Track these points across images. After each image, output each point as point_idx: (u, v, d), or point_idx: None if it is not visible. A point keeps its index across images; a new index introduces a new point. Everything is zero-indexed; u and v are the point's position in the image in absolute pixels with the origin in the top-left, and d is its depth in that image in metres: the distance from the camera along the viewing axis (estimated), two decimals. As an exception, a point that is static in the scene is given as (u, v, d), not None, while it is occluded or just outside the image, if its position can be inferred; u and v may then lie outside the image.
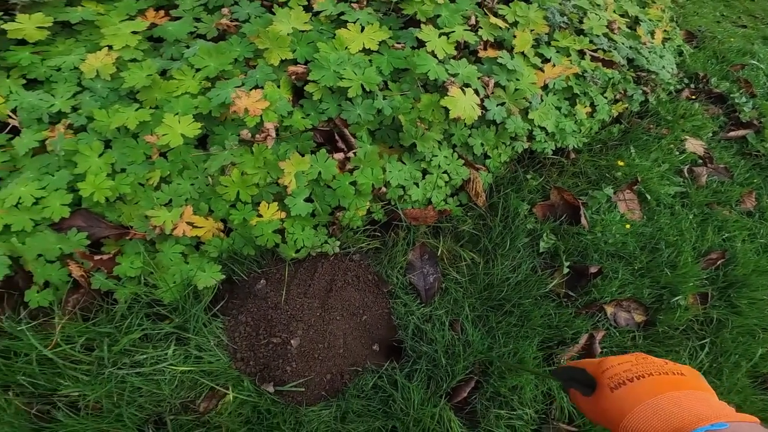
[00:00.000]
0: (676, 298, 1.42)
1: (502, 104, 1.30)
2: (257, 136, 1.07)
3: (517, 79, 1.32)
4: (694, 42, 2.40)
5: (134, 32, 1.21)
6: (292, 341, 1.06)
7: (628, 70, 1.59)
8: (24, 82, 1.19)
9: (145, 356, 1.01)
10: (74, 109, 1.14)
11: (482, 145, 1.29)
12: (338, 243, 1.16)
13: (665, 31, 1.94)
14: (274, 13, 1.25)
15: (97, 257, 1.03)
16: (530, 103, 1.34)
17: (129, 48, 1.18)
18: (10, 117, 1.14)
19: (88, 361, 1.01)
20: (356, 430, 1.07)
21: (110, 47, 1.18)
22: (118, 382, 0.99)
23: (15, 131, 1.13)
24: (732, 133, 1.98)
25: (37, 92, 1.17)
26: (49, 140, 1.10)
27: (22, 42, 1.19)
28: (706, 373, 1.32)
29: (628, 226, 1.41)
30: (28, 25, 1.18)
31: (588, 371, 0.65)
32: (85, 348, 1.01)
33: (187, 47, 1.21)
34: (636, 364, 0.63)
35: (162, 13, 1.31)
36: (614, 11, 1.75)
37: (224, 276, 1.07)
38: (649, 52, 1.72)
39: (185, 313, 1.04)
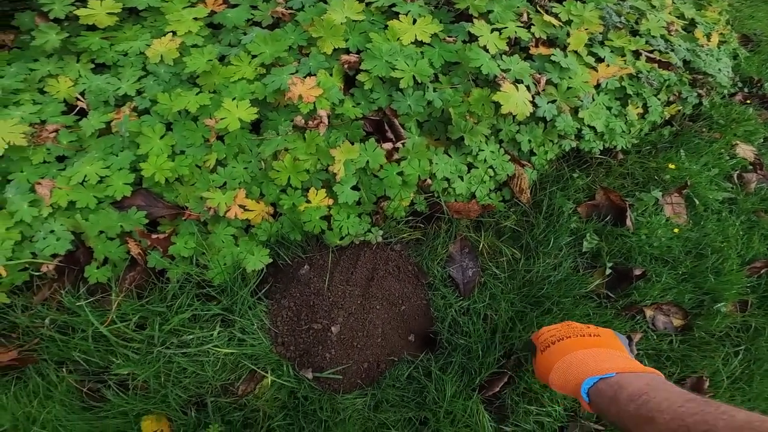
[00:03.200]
0: (719, 305, 1.28)
1: (553, 102, 1.18)
2: (310, 122, 1.00)
3: (570, 78, 1.19)
4: (749, 45, 2.16)
5: (196, 18, 1.16)
6: (332, 328, 1.00)
7: (684, 72, 1.43)
8: (92, 66, 1.17)
9: (191, 336, 0.98)
10: (139, 92, 1.10)
11: (529, 141, 1.18)
12: (381, 232, 1.08)
13: (721, 34, 1.74)
14: (326, 2, 1.17)
15: (154, 236, 1.00)
16: (582, 101, 1.21)
17: (191, 34, 1.13)
18: (78, 99, 1.12)
19: (139, 339, 0.98)
20: (388, 419, 1.01)
21: (174, 33, 1.14)
22: (165, 362, 0.95)
23: (82, 113, 1.11)
24: (784, 140, 1.77)
25: (105, 76, 1.14)
26: (114, 122, 1.07)
27: (92, 27, 1.17)
28: (737, 380, 1.21)
29: (676, 230, 1.27)
30: (99, 11, 1.15)
31: (531, 338, 0.72)
32: (137, 326, 0.98)
33: (244, 34, 1.15)
34: (560, 330, 0.69)
35: (221, 0, 1.26)
36: (670, 13, 1.58)
37: (271, 260, 1.02)
38: (707, 54, 1.54)
39: (233, 296, 1.00)
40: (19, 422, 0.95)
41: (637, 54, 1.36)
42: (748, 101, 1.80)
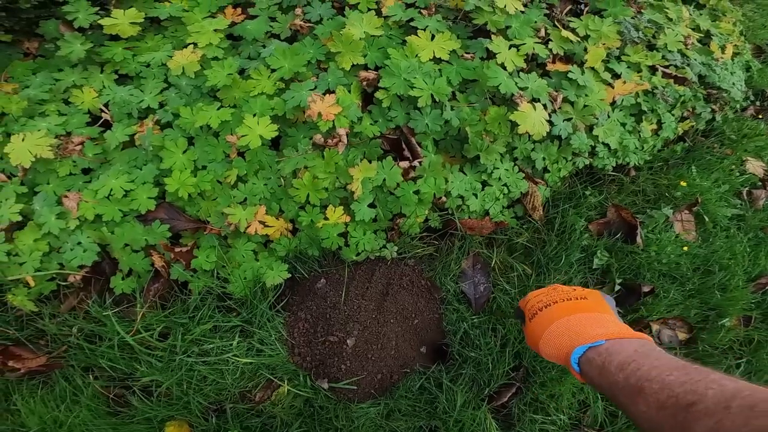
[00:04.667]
0: (723, 320, 1.25)
1: (569, 120, 1.13)
2: (329, 141, 0.97)
3: (587, 95, 1.14)
4: (761, 57, 2.07)
5: (216, 30, 1.12)
6: (348, 341, 0.99)
7: (699, 87, 1.37)
8: (116, 77, 1.14)
9: (212, 346, 0.97)
10: (161, 105, 1.08)
11: (544, 159, 1.14)
12: (396, 248, 1.06)
13: (735, 45, 1.66)
14: (345, 16, 1.13)
15: (177, 249, 0.98)
16: (597, 119, 1.16)
17: (212, 46, 1.10)
18: (103, 111, 1.09)
19: (162, 348, 0.97)
20: (400, 428, 1.00)
21: (195, 45, 1.11)
22: (187, 370, 0.95)
23: (106, 125, 1.09)
24: (794, 155, 1.71)
25: (128, 87, 1.11)
26: (138, 135, 1.05)
27: (115, 37, 1.13)
28: None
29: (686, 248, 1.24)
30: (122, 20, 1.12)
31: (519, 305, 0.67)
32: (160, 335, 0.98)
33: (263, 46, 1.11)
34: (547, 294, 0.63)
35: (239, 10, 1.22)
36: (686, 25, 1.50)
37: (290, 275, 1.00)
38: (721, 68, 1.47)
39: (252, 309, 0.98)
40: (47, 425, 0.95)
41: (653, 69, 1.30)
42: (760, 115, 1.73)
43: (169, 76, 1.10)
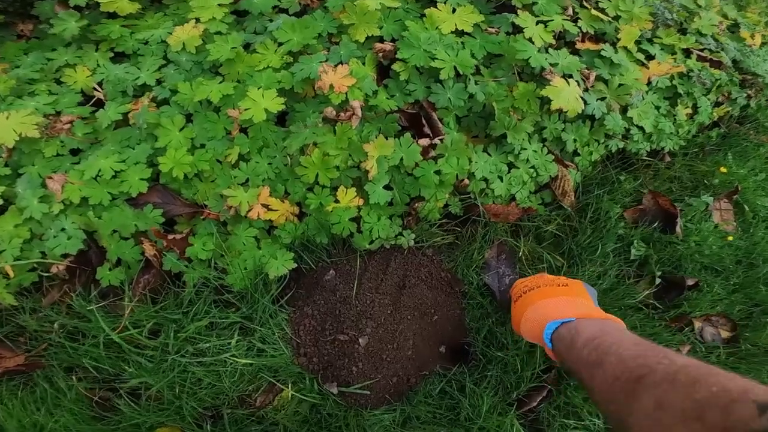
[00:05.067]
0: None
1: (603, 99, 1.03)
2: (342, 114, 0.87)
3: (622, 74, 1.04)
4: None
5: (220, 5, 1.03)
6: (360, 340, 0.87)
7: (734, 71, 1.26)
8: (111, 55, 1.05)
9: (208, 345, 0.85)
10: (159, 82, 0.98)
11: (575, 141, 1.03)
12: (413, 236, 0.94)
13: (763, 35, 1.57)
14: (358, -11, 1.03)
15: (170, 236, 0.87)
16: (632, 100, 1.05)
17: (215, 21, 1.01)
18: (96, 90, 1.00)
19: (153, 346, 0.86)
20: (415, 435, 0.87)
21: (197, 20, 1.02)
22: (180, 372, 0.83)
23: (99, 104, 0.99)
24: (828, 146, 1.59)
25: (124, 65, 1.02)
26: (132, 113, 0.95)
27: (113, 15, 1.05)
28: None
29: (730, 237, 1.11)
30: (121, -2, 1.03)
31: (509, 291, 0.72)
32: (150, 332, 0.86)
33: (271, 21, 1.02)
34: (532, 280, 0.69)
35: (248, -14, 1.13)
36: (716, 13, 1.42)
37: (295, 265, 0.88)
38: (756, 55, 1.38)
39: (253, 303, 0.87)
40: (26, 430, 0.83)
41: (687, 52, 1.20)
42: (791, 103, 1.62)
43: (169, 53, 1.01)
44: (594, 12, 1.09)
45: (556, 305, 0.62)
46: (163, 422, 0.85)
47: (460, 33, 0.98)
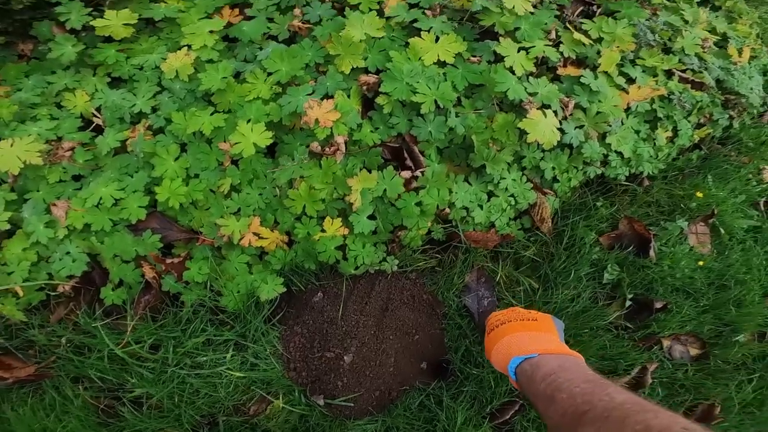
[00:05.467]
0: (738, 336, 1.18)
1: (581, 127, 1.06)
2: (326, 149, 0.91)
3: (600, 101, 1.07)
4: (780, 58, 1.96)
5: (211, 31, 1.06)
6: (345, 357, 0.94)
7: (717, 92, 1.28)
8: (109, 80, 1.08)
9: (205, 359, 0.92)
10: (154, 109, 1.02)
11: (553, 168, 1.07)
12: (397, 261, 1.00)
13: (752, 48, 1.56)
14: (344, 16, 1.06)
15: (168, 260, 0.93)
16: (611, 126, 1.09)
17: (206, 48, 1.04)
18: (95, 115, 1.04)
19: (153, 359, 0.93)
20: (399, 446, 0.95)
21: (189, 47, 1.05)
22: (179, 383, 0.90)
23: (98, 129, 1.03)
24: (813, 162, 1.61)
25: (120, 91, 1.06)
26: (129, 140, 1.00)
27: (108, 39, 1.08)
28: (748, 405, 1.13)
29: (701, 262, 1.16)
30: (115, 22, 1.06)
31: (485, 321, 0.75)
32: (151, 347, 0.93)
33: (260, 48, 1.05)
34: (505, 314, 0.71)
35: (237, 11, 1.15)
36: (703, 28, 1.41)
37: (285, 289, 0.94)
38: (739, 73, 1.38)
39: (246, 323, 0.93)
40: (36, 435, 0.91)
41: (669, 73, 1.22)
42: (778, 120, 1.63)
43: (163, 80, 1.04)
44: (576, 35, 1.10)
45: (520, 341, 0.65)
46: (163, 428, 0.93)
47: (442, 63, 1.00)
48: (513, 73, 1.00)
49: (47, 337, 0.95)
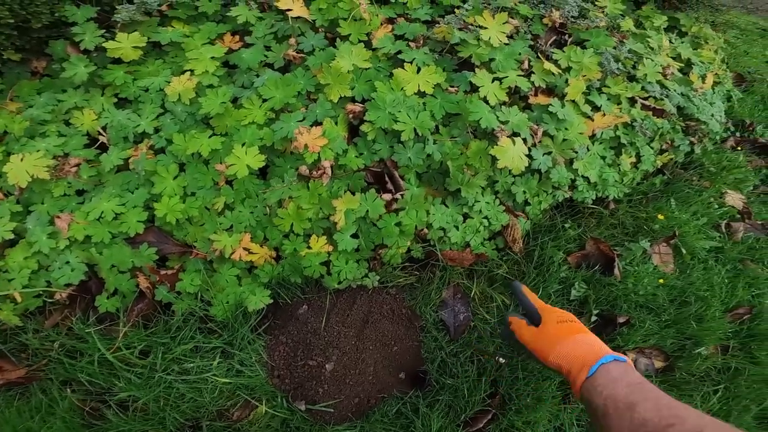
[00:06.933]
0: (699, 349, 1.24)
1: (549, 153, 1.14)
2: (314, 172, 0.98)
3: (566, 129, 1.15)
4: (743, 85, 2.08)
5: (213, 57, 1.13)
6: (327, 365, 0.99)
7: (678, 119, 1.37)
8: (115, 100, 1.15)
9: (192, 365, 0.97)
10: (156, 130, 1.08)
11: (524, 192, 1.14)
12: (378, 277, 1.06)
13: (716, 74, 1.66)
14: (335, 47, 1.14)
15: (162, 272, 0.98)
16: (577, 153, 1.17)
17: (207, 74, 1.11)
18: (100, 134, 1.10)
19: (142, 364, 0.97)
20: (377, 452, 0.99)
21: (192, 72, 1.12)
22: (165, 387, 0.94)
23: (103, 147, 1.10)
24: (773, 187, 1.70)
25: (126, 111, 1.12)
26: (132, 159, 1.06)
27: (117, 60, 1.14)
28: (715, 414, 1.17)
29: (661, 280, 1.23)
30: (125, 44, 1.12)
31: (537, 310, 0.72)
32: (141, 353, 0.97)
33: (257, 75, 1.12)
34: (565, 313, 0.70)
35: (237, 38, 1.23)
36: (668, 54, 1.50)
37: (272, 300, 1.00)
38: (700, 99, 1.48)
39: (234, 332, 0.98)
40: (20, 435, 0.94)
41: (632, 101, 1.31)
42: (739, 147, 1.73)
43: (166, 102, 1.11)
44: (546, 65, 1.19)
45: (599, 341, 0.64)
46: (147, 431, 0.96)
47: (422, 93, 1.08)
48: (487, 102, 1.08)
49: (40, 342, 0.99)
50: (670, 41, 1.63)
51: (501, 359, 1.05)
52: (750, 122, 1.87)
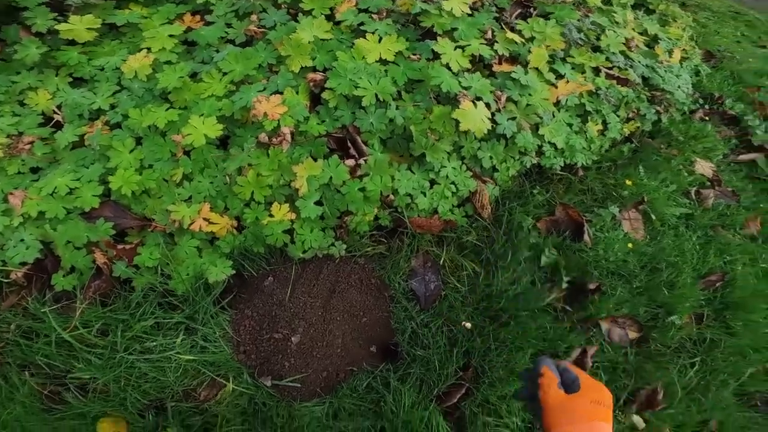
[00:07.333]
0: (672, 317, 1.22)
1: (513, 119, 1.13)
2: (274, 139, 0.96)
3: (530, 95, 1.15)
4: (712, 62, 2.11)
5: (171, 35, 1.11)
6: (292, 338, 0.96)
7: (642, 88, 1.38)
8: (70, 80, 1.12)
9: (155, 343, 0.93)
10: (112, 106, 1.06)
11: (491, 158, 1.14)
12: (344, 246, 1.04)
13: (684, 50, 1.69)
14: (298, 21, 1.13)
15: (119, 246, 0.95)
16: (541, 118, 1.17)
17: (165, 51, 1.09)
18: (55, 112, 1.07)
19: (102, 345, 0.94)
20: (347, 428, 0.96)
21: (149, 50, 1.10)
22: (127, 367, 0.91)
23: (58, 125, 1.07)
24: (742, 157, 1.72)
25: (81, 90, 1.10)
26: (87, 135, 1.03)
27: (72, 42, 1.12)
28: (692, 390, 1.14)
29: (630, 245, 1.23)
30: (79, 26, 1.11)
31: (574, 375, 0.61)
32: (100, 332, 0.94)
33: (217, 51, 1.11)
34: (602, 393, 0.59)
35: (198, 17, 1.21)
36: (633, 29, 1.52)
37: (234, 271, 0.97)
38: (666, 71, 1.49)
39: (195, 305, 0.95)
40: (-21, 422, 0.90)
41: (597, 70, 1.32)
42: (708, 118, 1.75)
43: (123, 80, 1.09)
44: (509, 35, 1.19)
45: None
46: (108, 412, 0.93)
47: (384, 62, 1.07)
48: (450, 69, 1.08)
49: (-3, 324, 0.96)
50: (636, 17, 1.65)
51: (467, 324, 1.04)
52: (719, 95, 1.90)
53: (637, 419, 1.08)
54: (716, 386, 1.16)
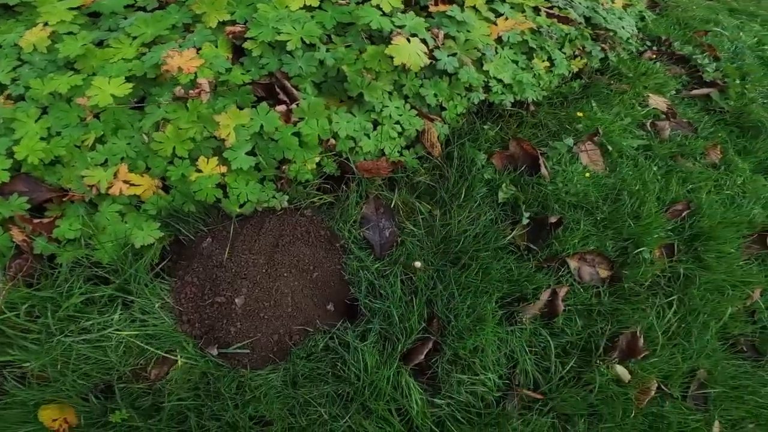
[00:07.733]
0: (640, 249, 1.15)
1: (454, 55, 1.09)
2: (191, 92, 0.89)
3: (468, 31, 1.11)
4: (656, 9, 2.13)
5: (70, 8, 1.03)
6: (236, 300, 0.88)
7: (585, 27, 1.37)
8: (-32, 61, 1.03)
9: (91, 322, 0.84)
10: (14, 80, 0.98)
11: (435, 95, 1.09)
12: (286, 198, 0.97)
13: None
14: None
15: (36, 220, 0.86)
16: (483, 54, 1.13)
17: (64, 23, 1.01)
18: (-46, 92, 0.98)
19: (36, 329, 0.84)
20: (308, 394, 0.87)
21: (46, 23, 1.02)
22: (64, 350, 0.82)
23: (-41, 104, 0.98)
24: (695, 92, 1.73)
25: (-20, 69, 1.01)
26: (-10, 111, 0.94)
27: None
28: (674, 335, 1.08)
29: (587, 175, 1.19)
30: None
31: None
32: (31, 315, 0.85)
33: (125, 18, 1.04)
34: None
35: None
36: None
37: (163, 234, 0.89)
38: (608, 12, 1.49)
39: (124, 274, 0.87)
40: None
41: (536, 10, 1.30)
42: (656, 57, 1.76)
43: (23, 55, 1.01)
44: (444, -24, 1.16)
45: None
46: (49, 399, 0.83)
47: (310, 8, 1.02)
48: (381, 10, 1.03)
49: None
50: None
51: (417, 263, 0.97)
52: (666, 38, 1.91)
53: (621, 370, 0.99)
54: (698, 329, 1.09)
